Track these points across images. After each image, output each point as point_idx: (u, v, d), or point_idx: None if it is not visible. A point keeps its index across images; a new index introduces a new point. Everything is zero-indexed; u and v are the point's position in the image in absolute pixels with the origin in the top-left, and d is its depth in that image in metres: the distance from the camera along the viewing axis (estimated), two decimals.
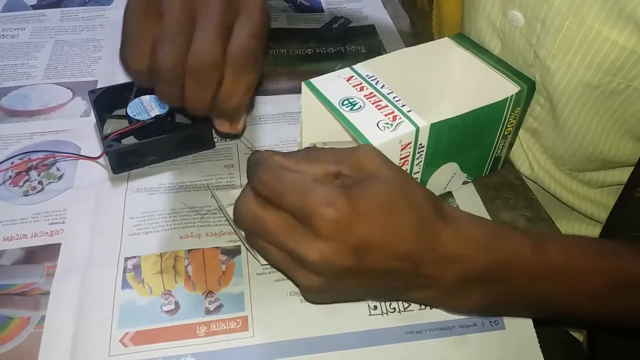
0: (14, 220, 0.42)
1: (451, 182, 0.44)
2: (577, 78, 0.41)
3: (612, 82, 0.39)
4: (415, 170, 0.39)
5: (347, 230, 0.29)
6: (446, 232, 0.31)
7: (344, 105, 0.38)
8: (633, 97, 0.40)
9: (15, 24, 0.63)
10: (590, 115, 0.43)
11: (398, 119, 0.37)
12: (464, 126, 0.39)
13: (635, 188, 0.40)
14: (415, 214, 0.31)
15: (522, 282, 0.33)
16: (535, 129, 0.49)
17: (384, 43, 0.63)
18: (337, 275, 0.31)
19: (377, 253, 0.30)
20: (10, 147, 0.48)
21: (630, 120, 0.42)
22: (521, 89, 0.40)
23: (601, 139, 0.44)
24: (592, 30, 0.38)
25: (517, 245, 0.33)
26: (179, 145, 0.47)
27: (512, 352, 0.36)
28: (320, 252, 0.29)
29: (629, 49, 0.37)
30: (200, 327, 0.36)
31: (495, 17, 0.46)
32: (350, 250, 0.29)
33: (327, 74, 0.41)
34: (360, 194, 0.30)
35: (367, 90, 0.39)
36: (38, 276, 0.38)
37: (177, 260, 0.39)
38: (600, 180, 0.50)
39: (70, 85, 0.55)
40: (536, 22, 0.42)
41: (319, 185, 0.30)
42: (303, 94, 0.40)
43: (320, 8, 0.70)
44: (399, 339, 0.36)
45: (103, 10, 0.66)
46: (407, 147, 0.37)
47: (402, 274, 0.32)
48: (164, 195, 0.44)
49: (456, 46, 0.45)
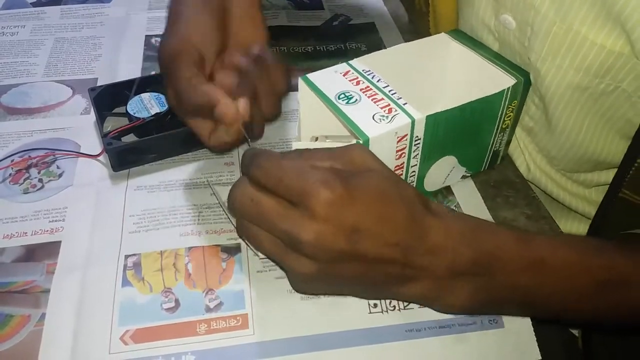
0: (14, 218, 0.42)
1: (450, 176, 0.44)
2: (566, 80, 0.41)
3: (601, 84, 0.40)
4: (413, 164, 0.39)
5: (341, 213, 0.30)
6: (435, 225, 0.32)
7: (340, 99, 0.38)
8: (622, 97, 0.40)
9: (15, 21, 0.63)
10: (582, 117, 0.43)
11: (394, 111, 0.37)
12: (461, 118, 0.39)
13: (619, 188, 0.40)
14: (406, 206, 0.32)
15: (507, 276, 0.34)
16: (531, 128, 0.49)
17: (384, 40, 0.63)
18: (329, 259, 0.31)
19: (369, 239, 0.31)
20: (10, 144, 0.48)
21: (620, 120, 0.42)
22: (517, 82, 0.40)
23: (592, 140, 0.45)
24: (579, 35, 0.38)
25: (502, 239, 0.34)
26: (179, 143, 0.47)
27: (511, 350, 0.36)
28: (314, 232, 0.30)
29: (617, 51, 0.37)
30: (200, 325, 0.36)
31: (488, 20, 0.47)
32: (343, 233, 0.30)
33: (324, 69, 0.41)
34: (355, 181, 0.31)
35: (363, 84, 0.39)
36: (38, 274, 0.38)
37: (178, 258, 0.39)
38: (595, 180, 0.50)
39: (70, 83, 0.55)
40: (526, 26, 0.42)
41: (316, 169, 0.31)
42: (300, 90, 0.40)
43: (321, 5, 0.70)
44: (399, 337, 0.36)
45: (103, 8, 0.66)
46: (403, 139, 0.37)
47: (393, 263, 0.32)
48: (164, 192, 0.44)
49: (453, 41, 0.45)
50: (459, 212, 0.36)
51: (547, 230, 0.44)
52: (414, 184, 0.42)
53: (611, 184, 0.42)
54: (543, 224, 0.44)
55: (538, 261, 0.34)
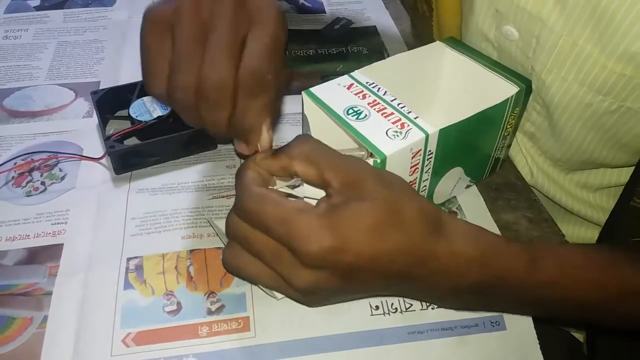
0: (17, 220, 0.42)
1: (456, 187, 0.44)
2: (571, 93, 0.41)
3: (605, 102, 0.40)
4: (425, 178, 0.39)
5: (332, 261, 0.29)
6: (438, 249, 0.31)
7: (350, 114, 0.37)
8: (627, 115, 0.40)
9: (19, 25, 0.64)
10: (586, 129, 0.43)
11: (406, 126, 0.36)
12: (469, 129, 0.39)
13: (630, 197, 0.40)
14: (405, 235, 0.30)
15: (513, 293, 0.34)
16: (532, 133, 0.49)
17: (385, 44, 0.63)
18: (326, 295, 0.33)
19: (364, 275, 0.31)
20: (13, 147, 0.48)
21: (626, 135, 0.42)
22: (520, 89, 0.40)
23: (597, 149, 0.45)
24: (584, 51, 0.39)
25: (511, 263, 0.33)
26: (181, 146, 0.47)
27: (513, 352, 0.36)
28: (306, 280, 0.30)
29: (618, 72, 0.37)
30: (202, 328, 0.36)
31: (487, 30, 0.46)
32: (337, 276, 0.30)
33: (326, 82, 0.40)
34: (344, 221, 0.29)
35: (370, 98, 0.38)
36: (40, 276, 0.38)
37: (179, 261, 0.39)
38: (597, 183, 0.50)
39: (73, 86, 0.55)
40: (531, 38, 0.42)
41: (301, 217, 0.29)
42: (304, 104, 0.39)
43: (322, 9, 0.70)
44: (401, 339, 0.36)
45: (106, 12, 0.66)
46: (417, 155, 0.36)
47: (392, 287, 0.33)
48: (166, 195, 0.44)
49: (448, 49, 0.45)
50: (473, 226, 0.34)
51: (548, 233, 0.44)
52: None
53: (622, 192, 0.42)
54: (544, 227, 0.44)
55: (547, 282, 0.33)
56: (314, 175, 0.32)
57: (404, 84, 0.41)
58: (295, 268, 0.30)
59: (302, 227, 0.29)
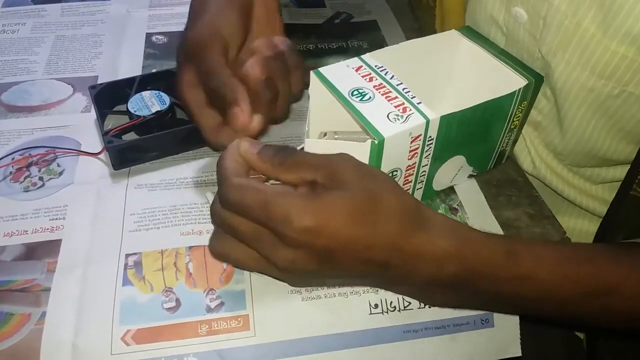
0: (15, 216, 0.42)
1: (457, 175, 0.44)
2: (574, 77, 0.41)
3: (607, 86, 0.40)
4: (424, 163, 0.39)
5: (309, 241, 0.30)
6: (415, 240, 0.32)
7: (354, 95, 0.37)
8: (629, 101, 0.40)
9: (16, 19, 0.63)
10: (589, 115, 0.43)
11: (408, 110, 0.36)
12: (472, 119, 0.39)
13: (630, 186, 0.40)
14: (383, 224, 0.31)
15: (491, 286, 0.34)
16: (539, 122, 0.49)
17: (386, 39, 0.63)
18: (306, 274, 0.34)
19: (340, 258, 0.31)
20: (11, 142, 0.47)
21: (629, 122, 0.42)
22: (529, 83, 0.40)
23: (599, 138, 0.45)
24: (588, 32, 0.38)
25: (489, 256, 0.34)
26: (179, 141, 0.46)
27: (496, 348, 0.37)
28: (287, 259, 0.31)
29: (621, 53, 0.37)
30: (201, 326, 0.35)
31: (497, 13, 0.46)
32: (316, 256, 0.31)
33: (336, 63, 0.40)
34: (324, 205, 0.31)
35: (377, 81, 0.39)
36: (39, 272, 0.38)
37: (178, 257, 0.39)
38: (601, 176, 0.50)
39: (71, 81, 0.54)
40: (539, 19, 0.42)
41: (281, 199, 0.31)
42: (312, 83, 0.40)
43: (322, 3, 0.69)
44: (397, 338, 0.36)
45: (104, 5, 0.66)
46: (416, 140, 0.37)
47: (370, 275, 0.34)
48: (164, 191, 0.44)
49: (463, 38, 0.45)
50: (455, 222, 0.35)
51: (550, 230, 0.43)
52: (423, 183, 0.41)
53: (623, 181, 0.42)
54: (546, 224, 0.44)
55: (524, 276, 0.34)
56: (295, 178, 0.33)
57: (415, 70, 0.41)
58: (276, 247, 0.31)
59: (281, 208, 0.30)
